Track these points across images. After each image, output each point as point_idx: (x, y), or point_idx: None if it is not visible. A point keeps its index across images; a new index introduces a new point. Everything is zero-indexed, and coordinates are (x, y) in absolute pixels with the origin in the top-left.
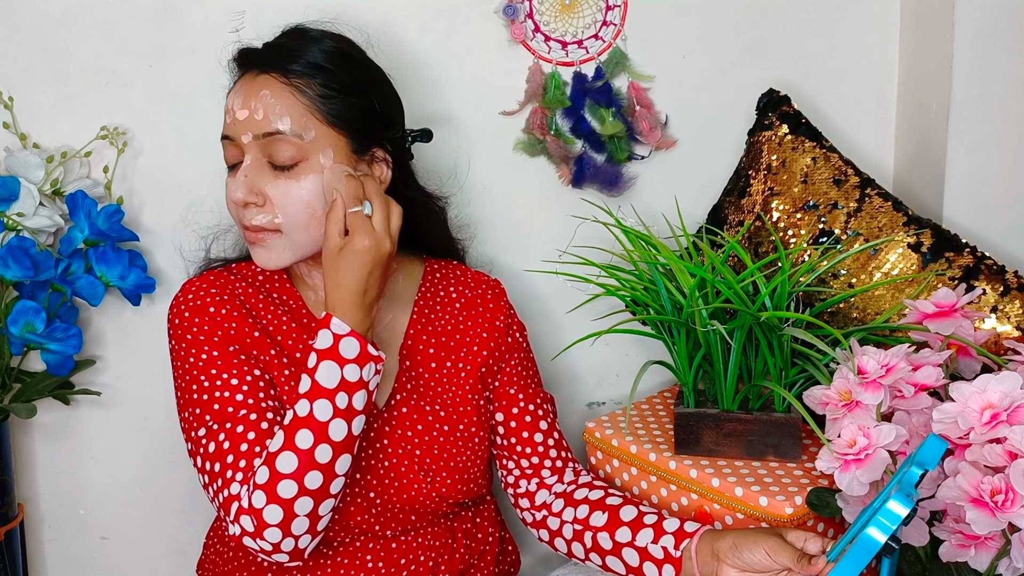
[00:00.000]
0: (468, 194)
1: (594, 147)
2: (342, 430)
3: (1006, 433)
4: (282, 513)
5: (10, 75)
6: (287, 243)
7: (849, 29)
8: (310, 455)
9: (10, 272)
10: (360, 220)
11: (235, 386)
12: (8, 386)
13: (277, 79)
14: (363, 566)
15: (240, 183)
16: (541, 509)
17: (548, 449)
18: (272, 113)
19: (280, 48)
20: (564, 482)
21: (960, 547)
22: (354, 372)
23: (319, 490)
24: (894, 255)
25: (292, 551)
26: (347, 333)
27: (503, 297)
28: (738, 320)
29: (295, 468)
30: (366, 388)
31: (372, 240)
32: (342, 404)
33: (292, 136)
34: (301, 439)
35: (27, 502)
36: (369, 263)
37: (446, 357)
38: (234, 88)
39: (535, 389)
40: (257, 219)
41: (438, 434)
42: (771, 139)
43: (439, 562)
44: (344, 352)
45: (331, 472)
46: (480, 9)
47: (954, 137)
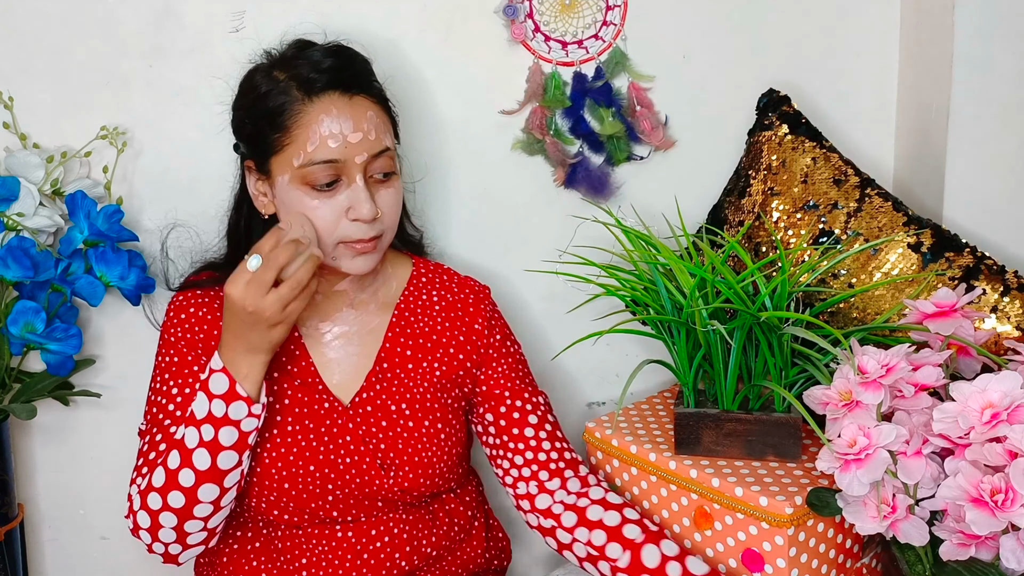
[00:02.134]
0: (468, 194)
1: (593, 147)
2: (205, 460)
3: (1006, 432)
4: (149, 521)
5: (10, 75)
6: (383, 245)
7: (849, 29)
8: (175, 476)
9: (10, 272)
10: (239, 270)
11: (172, 395)
12: (8, 386)
13: (368, 99)
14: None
15: (367, 201)
16: (548, 517)
17: (540, 443)
18: (380, 132)
19: (351, 69)
20: (570, 491)
21: (960, 547)
22: (220, 407)
23: (181, 510)
24: (894, 255)
25: (164, 554)
26: (219, 369)
27: (484, 301)
28: (738, 320)
29: (162, 484)
30: (235, 426)
31: (235, 291)
32: (207, 436)
33: (393, 149)
34: (171, 459)
35: (27, 502)
36: (232, 311)
37: (422, 359)
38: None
39: (522, 387)
40: (373, 231)
41: (402, 430)
42: (771, 139)
43: (420, 536)
44: (213, 387)
45: (193, 497)
46: (480, 9)
47: (954, 137)
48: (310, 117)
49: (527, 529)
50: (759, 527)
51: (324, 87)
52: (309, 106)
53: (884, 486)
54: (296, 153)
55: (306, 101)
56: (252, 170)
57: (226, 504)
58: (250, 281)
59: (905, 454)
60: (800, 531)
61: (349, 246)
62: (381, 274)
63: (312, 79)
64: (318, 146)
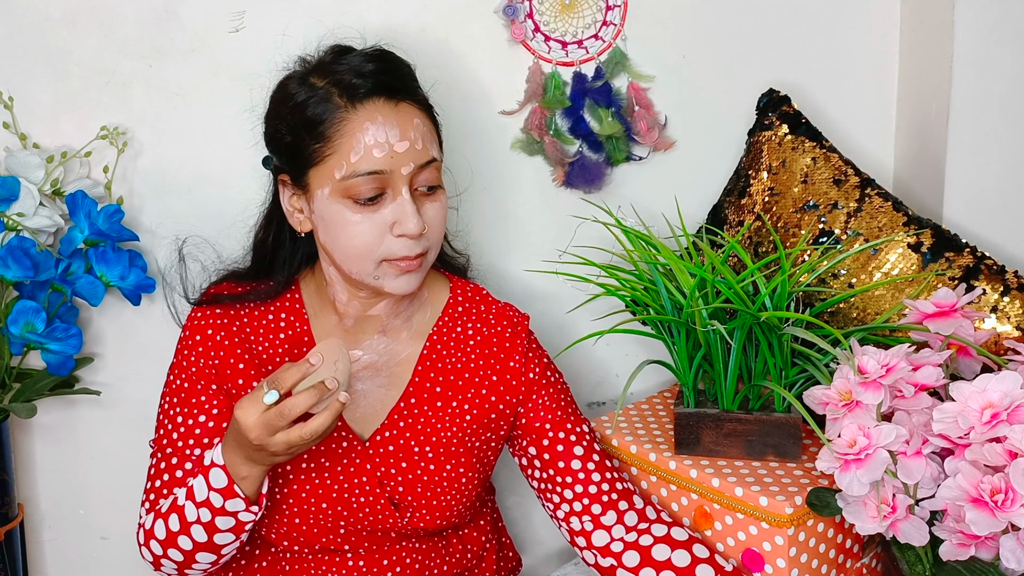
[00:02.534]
0: (468, 194)
1: (592, 147)
2: (202, 535)
3: (1006, 432)
4: (152, 557)
5: (10, 75)
6: (427, 263)
7: (849, 29)
8: (174, 537)
9: (10, 272)
10: (250, 398)
11: (177, 423)
12: (8, 386)
13: (415, 107)
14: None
15: (414, 215)
16: (607, 555)
17: (590, 474)
18: (428, 140)
19: (396, 74)
20: (628, 526)
21: (960, 547)
22: (218, 499)
23: (180, 564)
24: (894, 255)
25: None
26: (220, 465)
27: (521, 334)
28: (738, 320)
29: (164, 537)
30: (232, 516)
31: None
32: (204, 518)
33: (439, 160)
34: (172, 520)
35: (27, 502)
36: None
37: (452, 397)
38: (368, 121)
39: (564, 417)
40: (419, 247)
41: (422, 473)
42: (771, 139)
43: (431, 566)
44: (212, 480)
45: (191, 558)
46: (480, 9)
47: (954, 137)
48: (354, 125)
49: (532, 530)
50: (759, 527)
51: (368, 93)
52: (352, 113)
53: (884, 486)
54: (339, 164)
55: (349, 108)
56: (287, 184)
57: (228, 553)
58: (261, 416)
59: (905, 454)
60: (800, 531)
61: (394, 264)
62: (418, 298)
63: (355, 84)
64: (362, 156)
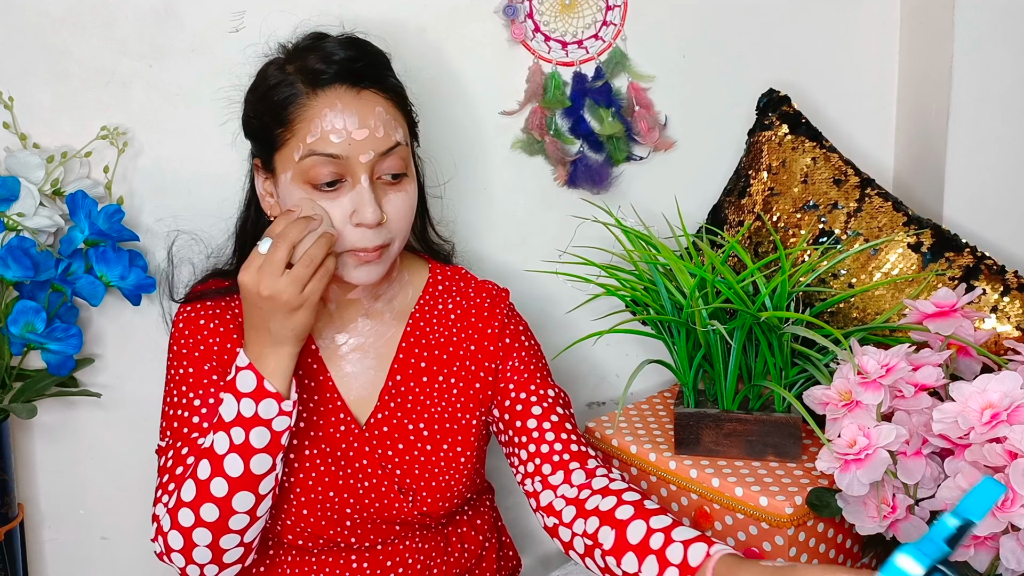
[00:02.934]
0: (468, 194)
1: (592, 147)
2: (238, 466)
3: (1006, 433)
4: (182, 540)
5: (10, 75)
6: (391, 254)
7: (849, 29)
8: (206, 487)
9: (10, 272)
10: (252, 254)
11: (196, 407)
12: (8, 386)
13: (379, 94)
14: (347, 567)
15: (371, 203)
16: (550, 515)
17: (544, 434)
18: (390, 128)
19: (363, 61)
20: (574, 484)
21: (960, 547)
22: (249, 407)
23: (216, 524)
24: (894, 255)
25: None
26: (245, 366)
27: (500, 303)
28: (738, 320)
29: (193, 497)
30: (266, 426)
31: (248, 278)
32: (238, 439)
33: (404, 146)
34: (202, 469)
35: (27, 502)
36: (248, 301)
37: (438, 372)
38: (327, 107)
39: (531, 378)
40: (379, 238)
41: (419, 453)
42: (771, 139)
43: (432, 565)
44: (240, 385)
45: (228, 507)
46: (480, 9)
47: (954, 137)
48: (314, 111)
49: (532, 531)
50: (759, 527)
51: (330, 80)
52: (314, 99)
53: (884, 486)
54: (297, 147)
55: (311, 94)
56: (259, 168)
57: (262, 514)
58: (262, 265)
59: (905, 454)
60: (800, 531)
61: (353, 255)
62: (397, 281)
63: (319, 70)
64: (319, 139)
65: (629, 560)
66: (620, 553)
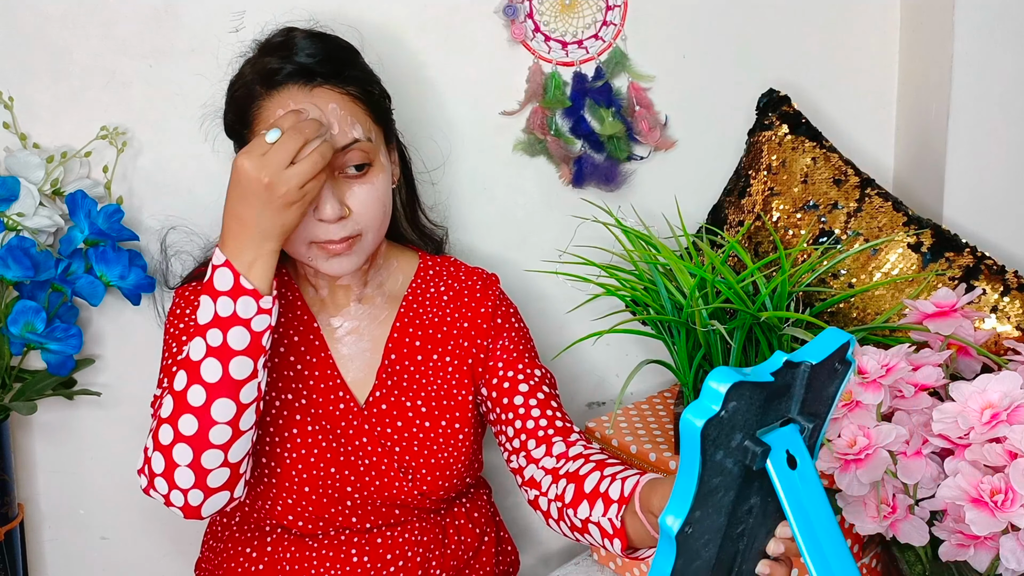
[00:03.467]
0: (468, 194)
1: (594, 147)
2: (215, 371)
3: (1006, 433)
4: (163, 462)
5: (10, 75)
6: (365, 246)
7: (849, 29)
8: (183, 397)
9: (10, 272)
10: (256, 142)
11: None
12: (8, 386)
13: (334, 90)
14: (348, 559)
15: (330, 200)
16: (533, 487)
17: (530, 410)
18: (346, 124)
19: (319, 58)
20: (553, 455)
21: (960, 547)
22: (226, 306)
23: (195, 437)
24: (894, 255)
25: (183, 507)
26: (222, 264)
27: (491, 287)
28: (738, 320)
29: (171, 411)
30: (245, 326)
31: (250, 163)
32: (215, 341)
33: (365, 141)
34: (178, 380)
35: (27, 502)
36: (242, 187)
37: (432, 351)
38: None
39: (519, 357)
40: (344, 230)
41: (419, 431)
42: (771, 139)
43: (429, 557)
44: (217, 284)
45: (206, 417)
46: (480, 9)
47: (954, 137)
48: (268, 112)
49: (532, 531)
50: None
51: (282, 80)
52: (267, 100)
53: (884, 486)
54: None
55: (265, 95)
56: None
57: (246, 428)
58: (268, 152)
59: (905, 454)
60: None
61: (321, 248)
62: (384, 268)
63: (273, 71)
64: None
65: (583, 508)
66: (577, 504)
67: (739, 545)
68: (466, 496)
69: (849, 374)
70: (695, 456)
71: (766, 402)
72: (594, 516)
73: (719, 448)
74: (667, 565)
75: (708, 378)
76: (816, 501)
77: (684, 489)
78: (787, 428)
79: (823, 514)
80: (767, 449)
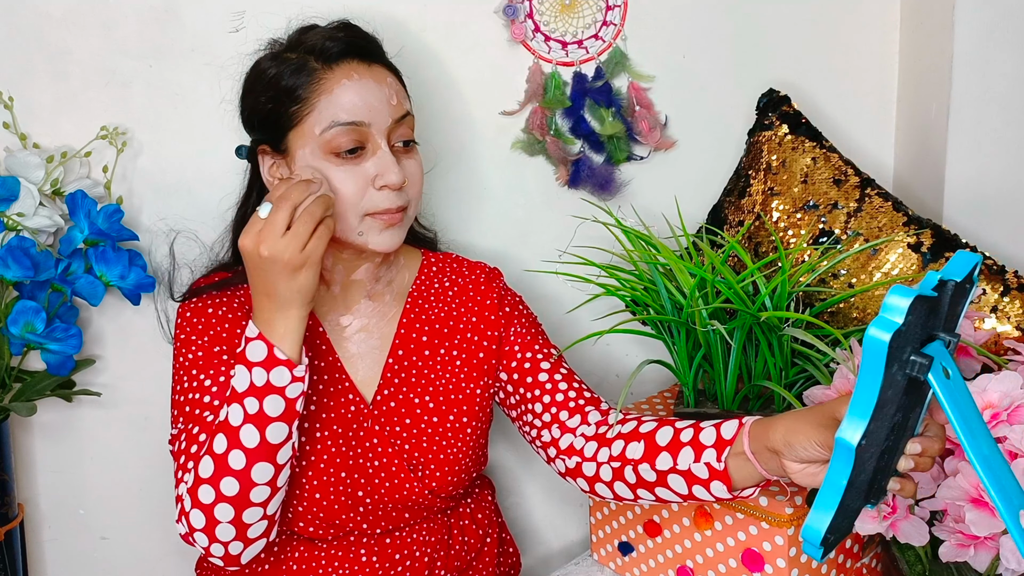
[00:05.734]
0: (468, 194)
1: (593, 147)
2: (253, 437)
3: (1006, 433)
4: (204, 519)
5: (10, 75)
6: (407, 220)
7: (849, 29)
8: (224, 460)
9: (10, 272)
10: (252, 220)
11: (207, 388)
12: (8, 386)
13: (384, 68)
14: (357, 560)
15: (393, 165)
16: (571, 455)
17: (556, 384)
18: (401, 97)
19: (366, 39)
20: (591, 423)
21: (960, 547)
22: (261, 376)
23: (237, 497)
24: (894, 255)
25: (224, 556)
26: (255, 336)
27: (495, 280)
28: (738, 320)
29: (211, 473)
30: (279, 394)
31: (249, 241)
32: (252, 409)
33: (413, 116)
34: (218, 443)
35: (27, 502)
36: (251, 264)
37: (439, 345)
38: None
39: (533, 340)
40: (401, 199)
41: (427, 426)
42: (771, 139)
43: (436, 559)
44: (251, 355)
45: (247, 480)
46: (480, 9)
47: (954, 137)
48: (331, 83)
49: (532, 531)
50: (759, 527)
51: (341, 54)
52: (329, 73)
53: None
54: (318, 120)
55: (325, 69)
56: (267, 154)
57: (282, 484)
58: (262, 228)
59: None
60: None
61: (377, 217)
62: (395, 264)
63: (328, 47)
64: (342, 107)
65: (663, 459)
66: (653, 457)
67: (882, 461)
68: (471, 496)
69: (973, 293)
70: (879, 369)
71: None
72: (680, 464)
73: (895, 361)
74: (843, 477)
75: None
76: (971, 407)
77: (865, 401)
78: (936, 343)
79: (978, 419)
80: (931, 360)
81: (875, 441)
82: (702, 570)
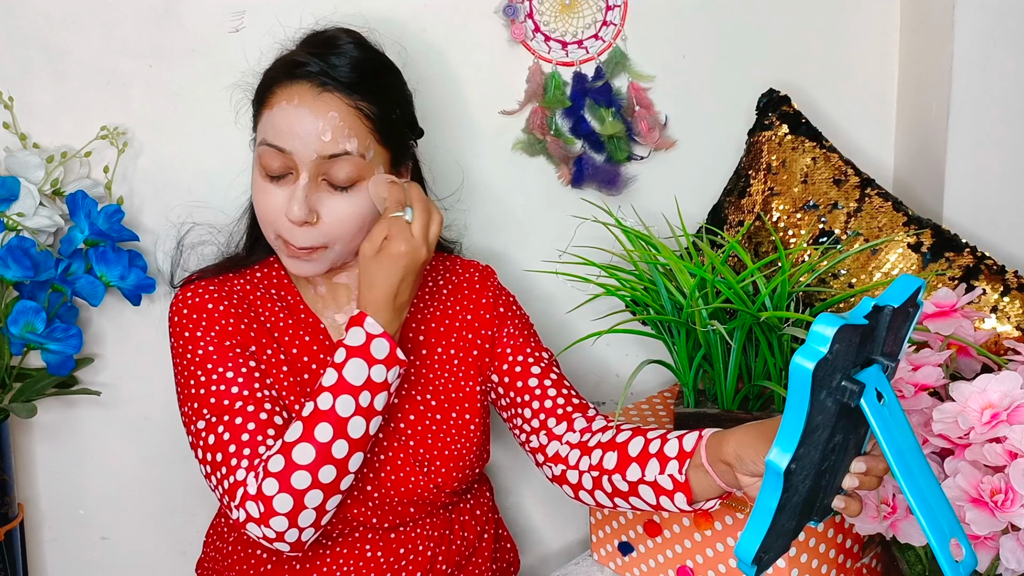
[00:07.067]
0: (468, 194)
1: (593, 147)
2: (360, 428)
3: (1006, 432)
4: (292, 503)
5: (10, 75)
6: (329, 256)
7: (849, 29)
8: (327, 449)
9: (10, 272)
10: (400, 226)
11: (231, 379)
12: (8, 386)
13: (342, 99)
14: (362, 555)
15: (299, 201)
16: (557, 463)
17: (546, 390)
18: (341, 136)
19: (334, 63)
20: (576, 430)
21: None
22: (380, 373)
23: (330, 484)
24: (894, 255)
25: (295, 542)
26: (379, 334)
27: (489, 278)
28: (738, 320)
29: (311, 460)
30: (388, 390)
31: (408, 246)
32: (364, 403)
33: (357, 156)
34: (320, 432)
35: (27, 502)
36: (403, 268)
37: (436, 344)
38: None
39: (525, 343)
40: (307, 239)
41: (431, 423)
42: (771, 139)
43: (437, 553)
44: (375, 352)
45: (344, 468)
46: (480, 9)
47: (954, 137)
48: (276, 100)
49: (532, 531)
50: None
51: (298, 76)
52: (280, 88)
53: (884, 486)
54: (260, 130)
55: (280, 83)
56: None
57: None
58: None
59: None
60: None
61: (283, 242)
62: None
63: (295, 63)
64: (269, 128)
65: (633, 470)
66: (624, 468)
67: (822, 481)
68: (470, 492)
69: (918, 316)
70: (804, 396)
71: (859, 344)
72: (648, 476)
73: (823, 388)
74: (773, 499)
75: (815, 323)
76: (904, 432)
77: (792, 427)
78: (872, 368)
79: (911, 444)
80: (863, 387)
81: (807, 464)
82: (702, 570)
